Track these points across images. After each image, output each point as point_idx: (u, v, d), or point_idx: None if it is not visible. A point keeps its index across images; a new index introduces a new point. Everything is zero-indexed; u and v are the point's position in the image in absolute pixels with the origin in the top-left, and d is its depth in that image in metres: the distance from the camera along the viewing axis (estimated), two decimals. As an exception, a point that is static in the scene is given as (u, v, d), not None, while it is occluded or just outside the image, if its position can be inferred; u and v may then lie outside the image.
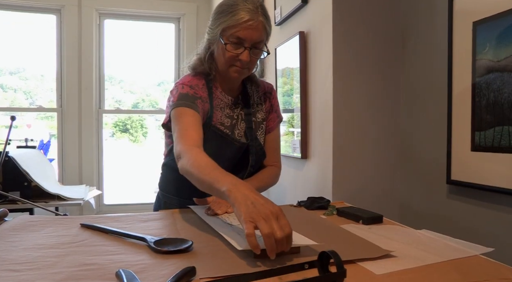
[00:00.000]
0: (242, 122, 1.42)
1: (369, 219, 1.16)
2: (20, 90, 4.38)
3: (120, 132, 7.80)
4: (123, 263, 0.82)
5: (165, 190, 1.51)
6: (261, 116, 1.48)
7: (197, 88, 1.33)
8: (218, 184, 0.96)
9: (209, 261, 0.83)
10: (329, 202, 1.39)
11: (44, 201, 2.59)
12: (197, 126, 1.23)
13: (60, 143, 3.53)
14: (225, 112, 1.40)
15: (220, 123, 1.37)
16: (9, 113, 3.64)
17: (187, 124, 1.22)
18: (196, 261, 0.83)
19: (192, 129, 1.21)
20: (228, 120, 1.40)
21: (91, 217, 1.21)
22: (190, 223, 1.15)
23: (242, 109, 1.43)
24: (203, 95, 1.33)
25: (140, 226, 1.12)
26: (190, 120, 1.23)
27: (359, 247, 0.92)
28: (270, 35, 1.34)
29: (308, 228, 1.10)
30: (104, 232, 1.05)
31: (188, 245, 0.89)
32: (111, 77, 4.16)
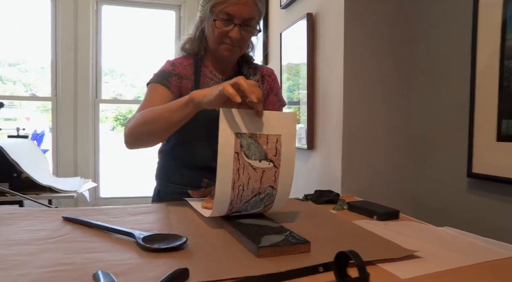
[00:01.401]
0: None
1: (385, 215, 1.05)
2: (19, 82, 4.26)
3: (120, 126, 7.72)
4: (105, 263, 0.70)
5: (160, 178, 1.41)
6: None
7: (179, 66, 1.29)
8: (179, 103, 1.01)
9: (205, 261, 0.72)
10: (339, 195, 1.27)
11: (35, 193, 2.47)
12: (162, 102, 1.16)
13: (54, 133, 3.41)
14: None
15: None
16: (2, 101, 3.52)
17: (152, 99, 1.21)
18: (190, 261, 0.71)
19: (156, 104, 1.15)
20: None
21: (77, 210, 1.10)
22: (185, 216, 1.04)
23: None
24: (184, 72, 1.29)
25: (129, 219, 1.00)
26: (156, 95, 1.22)
27: (378, 246, 0.80)
28: (263, 13, 1.29)
29: (317, 224, 0.98)
30: (88, 226, 0.93)
31: (182, 242, 0.78)
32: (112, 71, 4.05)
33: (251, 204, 0.94)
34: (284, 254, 0.75)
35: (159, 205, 1.15)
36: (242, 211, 0.95)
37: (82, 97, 3.40)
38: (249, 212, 0.96)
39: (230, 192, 0.88)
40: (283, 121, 0.94)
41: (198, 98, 0.97)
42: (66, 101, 3.38)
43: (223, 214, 0.93)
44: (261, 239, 0.78)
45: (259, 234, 0.81)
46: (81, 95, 3.40)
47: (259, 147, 0.90)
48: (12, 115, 3.85)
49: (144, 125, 1.09)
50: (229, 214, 0.94)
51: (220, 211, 0.92)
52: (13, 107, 3.99)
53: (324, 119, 1.67)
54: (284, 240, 0.78)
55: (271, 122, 0.92)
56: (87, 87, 3.41)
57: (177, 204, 1.17)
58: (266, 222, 0.91)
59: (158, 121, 1.06)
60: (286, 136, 0.93)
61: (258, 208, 0.96)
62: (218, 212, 0.92)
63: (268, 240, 0.77)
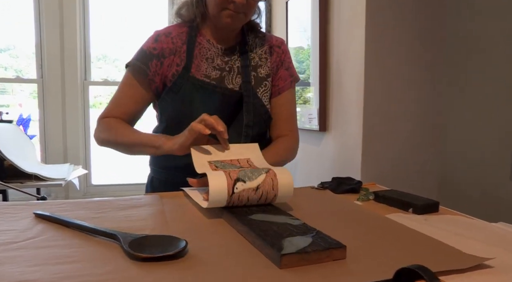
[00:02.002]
0: (238, 76, 1.14)
1: (423, 207, 0.87)
2: (11, 68, 4.05)
3: None
4: (77, 279, 0.52)
5: (153, 164, 1.25)
6: (265, 72, 1.20)
7: (165, 40, 1.15)
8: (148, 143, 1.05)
9: (212, 274, 0.54)
10: (361, 183, 1.10)
11: (19, 182, 2.29)
12: (133, 100, 1.16)
13: (42, 118, 3.20)
14: (214, 64, 1.16)
15: (205, 75, 1.14)
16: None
17: (125, 96, 1.17)
18: (191, 275, 0.54)
19: (128, 103, 1.16)
20: (217, 72, 1.16)
21: (53, 204, 0.92)
22: (183, 211, 0.86)
23: (238, 60, 1.14)
24: (170, 47, 1.15)
25: (116, 216, 0.83)
26: (130, 93, 1.16)
27: (434, 252, 0.63)
28: None
29: (344, 220, 0.81)
30: (65, 225, 0.75)
31: (180, 248, 0.60)
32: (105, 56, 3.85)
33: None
34: (313, 262, 0.58)
35: (152, 197, 0.97)
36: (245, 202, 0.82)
37: (70, 79, 3.19)
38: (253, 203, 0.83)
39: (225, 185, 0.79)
40: (248, 148, 1.01)
41: (167, 147, 1.00)
42: (53, 84, 3.16)
43: (222, 204, 0.80)
44: (283, 243, 0.60)
45: (279, 235, 0.64)
46: (69, 77, 3.19)
47: (233, 166, 0.94)
48: (4, 102, 3.64)
49: (111, 144, 1.13)
50: (230, 204, 0.80)
51: (218, 200, 0.79)
52: (6, 93, 3.78)
53: (339, 97, 1.49)
54: (312, 243, 0.60)
55: (238, 150, 0.99)
56: (75, 69, 3.20)
57: (174, 196, 1.00)
58: (284, 218, 0.74)
59: (123, 148, 1.11)
60: (256, 159, 0.98)
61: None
62: (215, 202, 0.79)
63: (292, 244, 0.60)
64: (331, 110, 1.54)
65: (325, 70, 1.59)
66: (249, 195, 0.81)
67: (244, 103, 1.14)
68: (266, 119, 1.19)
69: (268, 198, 0.83)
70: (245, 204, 0.82)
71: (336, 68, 1.51)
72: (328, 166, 1.56)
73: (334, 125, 1.52)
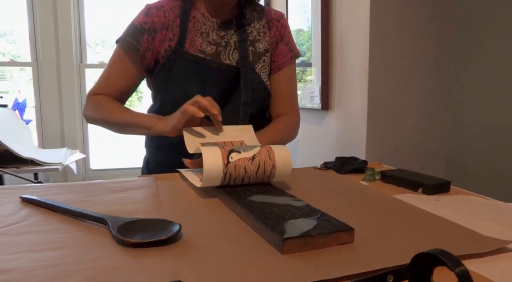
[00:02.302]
0: (235, 51, 1.08)
1: (434, 187, 0.82)
2: (8, 54, 3.98)
3: None
4: (61, 267, 0.48)
5: (149, 145, 1.20)
6: (264, 46, 1.14)
7: (157, 14, 1.09)
8: (139, 123, 1.00)
9: (208, 261, 0.49)
10: (366, 163, 1.05)
11: (15, 167, 2.25)
12: (124, 77, 1.11)
13: (38, 102, 3.14)
14: (209, 39, 1.10)
15: (199, 50, 1.08)
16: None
17: (115, 72, 1.11)
18: (186, 262, 0.49)
19: (117, 80, 1.11)
20: (212, 47, 1.09)
21: (42, 188, 0.87)
22: (178, 193, 0.81)
23: (235, 35, 1.08)
24: (162, 21, 1.09)
25: (108, 199, 0.78)
26: (120, 69, 1.11)
27: (449, 235, 0.58)
28: None
29: (350, 200, 0.76)
30: (52, 209, 0.71)
31: (173, 233, 0.55)
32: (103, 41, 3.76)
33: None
34: (319, 247, 0.53)
35: (146, 179, 0.93)
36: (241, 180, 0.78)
37: (66, 62, 3.12)
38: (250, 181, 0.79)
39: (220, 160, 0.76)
40: (242, 130, 0.98)
41: (159, 128, 0.96)
42: (48, 67, 3.09)
43: (219, 178, 0.75)
44: (285, 226, 0.55)
45: (280, 218, 0.59)
46: (64, 59, 3.12)
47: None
48: (4, 88, 3.58)
49: (101, 123, 1.09)
50: (227, 180, 0.76)
51: (214, 172, 0.75)
52: (5, 80, 3.72)
53: (342, 75, 1.43)
54: (317, 226, 0.55)
55: (232, 132, 0.96)
56: (70, 51, 3.12)
57: (169, 177, 0.95)
58: (286, 199, 0.69)
59: (113, 127, 1.07)
60: (250, 141, 0.95)
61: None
62: (211, 176, 0.75)
63: (295, 227, 0.55)
64: (334, 88, 1.48)
65: (326, 48, 1.53)
66: (246, 165, 0.76)
67: (241, 80, 1.08)
68: (265, 96, 1.14)
69: (266, 169, 0.78)
70: (243, 178, 0.77)
71: (339, 45, 1.45)
72: (331, 146, 1.51)
73: (337, 104, 1.47)
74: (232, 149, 0.78)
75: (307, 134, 1.69)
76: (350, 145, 1.36)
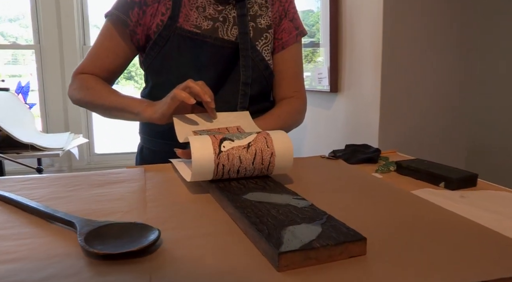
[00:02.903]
0: (234, 27, 0.98)
1: (458, 181, 0.72)
2: (21, 38, 3.93)
3: (125, 80, 7.56)
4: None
5: (143, 131, 1.12)
6: (266, 22, 1.03)
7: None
8: (127, 107, 0.92)
9: (184, 277, 0.40)
10: (380, 151, 0.95)
11: (15, 152, 2.19)
12: (112, 54, 1.01)
13: (41, 86, 3.07)
14: (206, 13, 0.99)
15: (195, 26, 0.98)
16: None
17: (103, 48, 1.02)
18: (158, 279, 0.40)
19: (104, 58, 1.02)
20: (209, 22, 0.99)
21: (18, 180, 0.79)
22: (167, 188, 0.72)
23: (234, 9, 0.98)
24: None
25: (88, 195, 0.69)
26: (109, 47, 1.01)
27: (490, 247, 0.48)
28: None
29: (361, 198, 0.66)
30: (21, 208, 0.62)
31: (148, 243, 0.46)
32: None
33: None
34: (323, 261, 0.44)
35: (134, 171, 0.84)
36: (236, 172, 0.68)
37: (68, 44, 3.03)
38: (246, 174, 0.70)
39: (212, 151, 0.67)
40: (238, 116, 0.90)
41: (147, 114, 0.88)
42: (51, 50, 3.01)
43: (210, 170, 0.66)
44: (283, 234, 0.46)
45: (279, 223, 0.49)
46: (67, 42, 3.03)
47: (221, 134, 0.78)
48: (17, 72, 3.52)
49: (87, 105, 1.00)
50: (220, 172, 0.67)
51: (204, 164, 0.66)
52: (17, 63, 3.66)
53: (352, 55, 1.31)
54: (322, 235, 0.46)
55: (227, 119, 0.88)
56: (73, 33, 3.03)
57: (160, 169, 0.86)
58: (286, 198, 0.60)
59: (100, 110, 0.99)
60: (247, 127, 0.86)
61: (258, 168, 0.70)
62: (201, 168, 0.65)
63: (295, 236, 0.46)
64: (343, 69, 1.37)
65: (336, 27, 1.41)
66: (241, 154, 0.67)
67: (241, 57, 0.98)
68: (267, 76, 1.04)
69: (264, 158, 0.69)
70: (238, 170, 0.67)
71: (349, 24, 1.33)
72: (340, 131, 1.40)
73: (347, 86, 1.36)
74: (224, 136, 0.68)
75: (314, 118, 1.59)
76: (361, 130, 1.25)
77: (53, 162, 3.11)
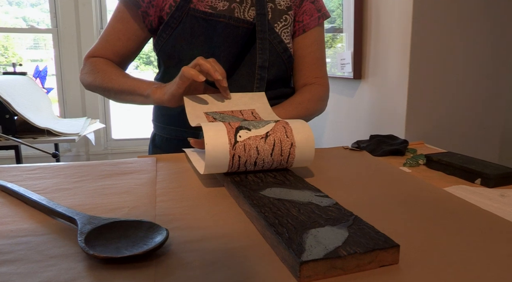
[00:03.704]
0: (251, 8, 0.93)
1: (496, 178, 0.66)
2: (42, 23, 3.94)
3: (144, 65, 7.57)
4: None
5: (156, 119, 1.07)
6: (285, 3, 0.97)
7: None
8: (137, 89, 0.86)
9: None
10: (407, 143, 0.88)
11: (32, 137, 2.18)
12: (124, 37, 0.96)
13: (58, 70, 3.06)
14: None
15: (210, 7, 0.92)
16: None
17: (114, 32, 0.96)
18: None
19: (116, 42, 0.96)
20: (225, 3, 0.93)
21: (25, 170, 0.75)
22: (179, 181, 0.67)
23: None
24: None
25: (94, 186, 0.65)
26: (121, 30, 0.96)
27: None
28: None
29: (388, 197, 0.60)
30: (23, 201, 0.58)
31: (155, 245, 0.42)
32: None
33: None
34: (350, 271, 0.38)
35: (145, 161, 0.79)
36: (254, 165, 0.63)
37: (86, 28, 3.01)
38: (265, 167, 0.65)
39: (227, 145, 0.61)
40: (253, 98, 0.82)
41: (157, 96, 0.82)
42: (69, 34, 2.99)
43: (225, 163, 0.61)
44: (305, 240, 0.41)
45: (300, 225, 0.44)
46: (84, 26, 3.00)
47: (234, 117, 0.76)
48: (38, 57, 3.53)
49: (97, 89, 0.95)
50: (236, 165, 0.62)
51: (218, 155, 0.60)
52: (39, 48, 3.68)
53: (377, 38, 1.24)
54: (349, 241, 0.41)
55: (241, 100, 0.81)
56: (90, 17, 3.00)
57: (173, 159, 0.81)
58: (307, 195, 0.54)
59: (111, 94, 0.92)
60: (262, 111, 0.79)
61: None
62: (215, 161, 0.60)
63: (318, 242, 0.40)
64: (368, 55, 1.30)
65: (360, 10, 1.34)
66: (258, 144, 0.62)
67: (258, 39, 0.93)
68: (286, 59, 0.97)
69: (283, 149, 0.63)
70: (255, 162, 0.62)
71: (375, 7, 1.25)
72: (363, 121, 1.33)
73: (371, 72, 1.28)
74: (240, 125, 0.63)
75: (336, 107, 1.52)
76: (387, 120, 1.18)
77: (71, 147, 3.11)
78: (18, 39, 3.25)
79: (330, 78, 1.46)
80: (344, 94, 1.46)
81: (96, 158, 3.12)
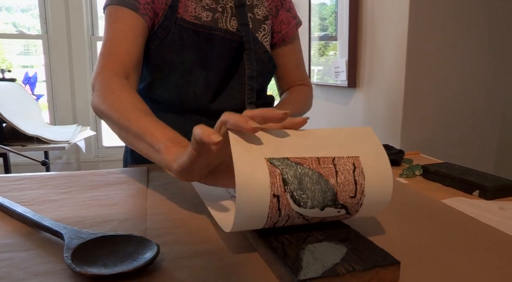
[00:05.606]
0: (232, 18, 0.92)
1: (495, 190, 0.64)
2: (33, 28, 3.91)
3: None
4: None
5: None
6: (263, 13, 0.97)
7: None
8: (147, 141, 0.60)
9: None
10: (403, 153, 0.87)
11: (21, 145, 2.15)
12: (130, 37, 0.81)
13: (48, 76, 3.03)
14: (203, 3, 0.91)
15: (194, 17, 0.89)
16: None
17: (116, 33, 0.81)
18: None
19: (122, 41, 0.81)
20: (208, 13, 0.90)
21: (10, 180, 0.73)
22: (172, 193, 0.65)
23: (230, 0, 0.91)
24: None
25: (82, 198, 0.63)
26: (122, 28, 0.81)
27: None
28: None
29: (387, 209, 0.59)
30: (8, 214, 0.56)
31: (145, 262, 0.40)
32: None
33: None
34: None
35: (136, 170, 0.77)
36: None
37: (76, 34, 2.98)
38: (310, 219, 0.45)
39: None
40: (357, 136, 0.48)
41: (164, 159, 0.55)
42: (59, 40, 2.96)
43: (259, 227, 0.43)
44: (302, 256, 0.39)
45: (296, 239, 0.43)
46: (74, 32, 2.98)
47: (321, 181, 0.42)
48: (28, 63, 3.50)
49: (104, 117, 0.72)
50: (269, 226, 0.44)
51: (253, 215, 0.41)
52: (29, 54, 3.64)
53: (373, 46, 1.23)
54: (347, 257, 0.39)
55: (335, 140, 0.46)
56: (81, 23, 2.98)
57: (164, 169, 0.79)
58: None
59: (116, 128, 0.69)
60: (370, 157, 0.46)
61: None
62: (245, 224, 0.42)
63: (316, 258, 0.39)
64: (363, 63, 1.29)
65: (355, 18, 1.33)
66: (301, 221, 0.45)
67: (245, 50, 0.91)
68: (271, 68, 0.99)
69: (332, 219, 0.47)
70: None
71: (370, 15, 1.25)
72: (358, 130, 1.33)
73: (366, 81, 1.28)
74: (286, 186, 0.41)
75: (330, 115, 1.51)
76: (382, 129, 1.17)
77: (61, 155, 3.07)
78: (8, 45, 3.22)
79: (323, 86, 1.45)
80: (338, 103, 1.45)
81: (86, 165, 3.08)
